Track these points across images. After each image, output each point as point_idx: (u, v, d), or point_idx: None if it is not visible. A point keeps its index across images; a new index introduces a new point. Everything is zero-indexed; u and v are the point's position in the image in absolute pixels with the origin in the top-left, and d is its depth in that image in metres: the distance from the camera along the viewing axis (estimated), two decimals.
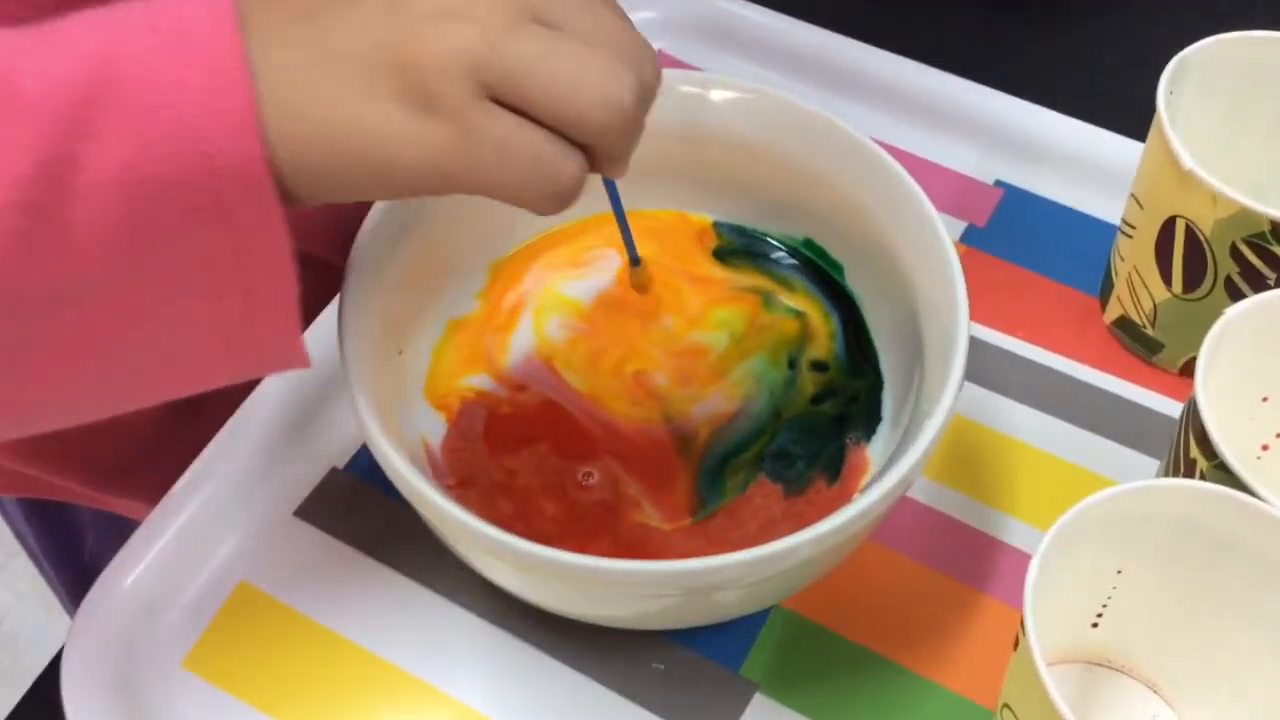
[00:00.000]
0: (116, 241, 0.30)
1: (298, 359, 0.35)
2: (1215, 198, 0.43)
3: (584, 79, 0.32)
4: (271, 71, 0.30)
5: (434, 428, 0.45)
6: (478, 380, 0.46)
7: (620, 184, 0.44)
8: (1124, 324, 0.51)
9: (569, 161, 0.32)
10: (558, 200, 0.33)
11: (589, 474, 0.44)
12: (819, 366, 0.47)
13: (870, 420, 0.45)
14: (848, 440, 0.45)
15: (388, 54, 0.31)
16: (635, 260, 0.45)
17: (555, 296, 0.48)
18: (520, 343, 0.47)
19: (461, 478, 0.44)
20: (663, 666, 0.43)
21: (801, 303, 0.48)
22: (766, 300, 0.48)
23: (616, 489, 0.44)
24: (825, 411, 0.46)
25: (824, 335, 0.47)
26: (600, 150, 0.33)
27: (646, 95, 0.33)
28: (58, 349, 0.32)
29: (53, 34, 0.30)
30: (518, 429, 0.45)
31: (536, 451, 0.44)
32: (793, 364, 0.47)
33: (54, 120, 0.29)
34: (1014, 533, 0.46)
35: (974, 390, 0.50)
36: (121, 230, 0.30)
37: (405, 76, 0.31)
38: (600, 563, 0.36)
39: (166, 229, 0.30)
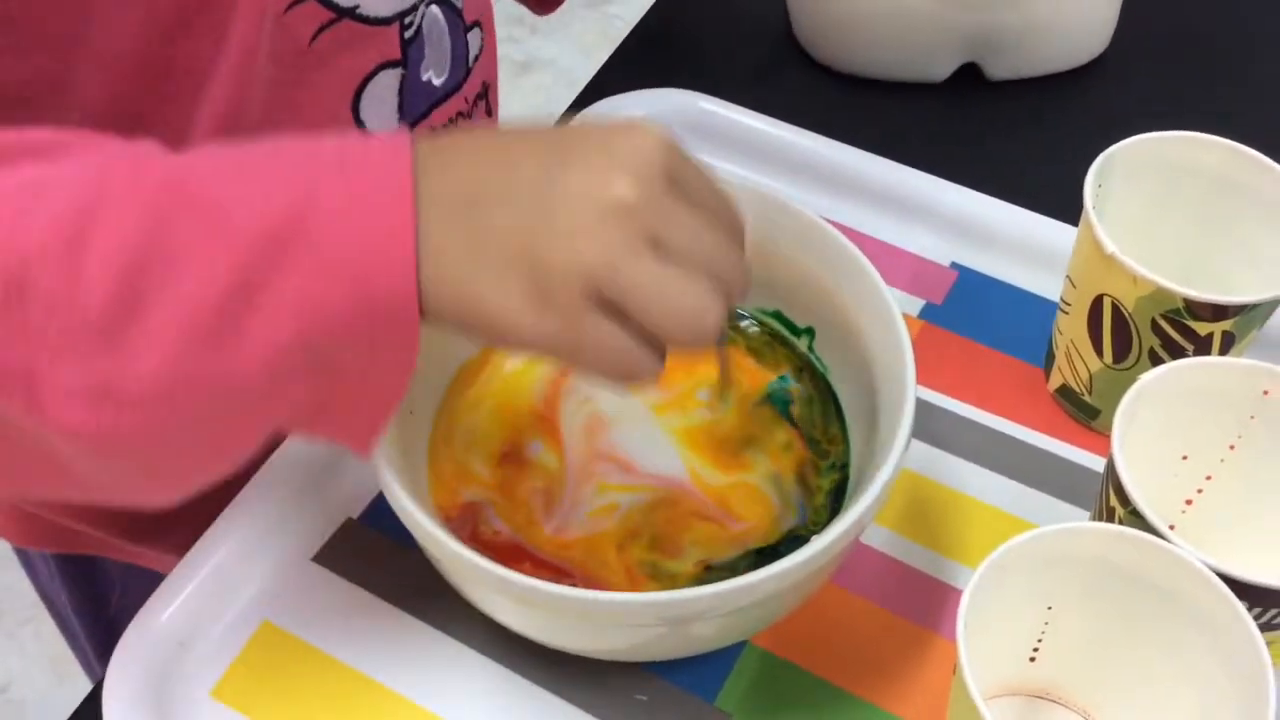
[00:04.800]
0: (283, 353, 0.36)
1: (367, 451, 0.41)
2: (1135, 278, 0.49)
3: (681, 310, 0.37)
4: (432, 243, 0.36)
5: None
6: (469, 493, 0.49)
7: None
8: (1065, 392, 0.56)
9: (650, 363, 0.38)
10: (635, 385, 0.39)
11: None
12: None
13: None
14: None
15: (527, 254, 0.37)
16: (728, 382, 0.51)
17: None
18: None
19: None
20: (645, 698, 0.48)
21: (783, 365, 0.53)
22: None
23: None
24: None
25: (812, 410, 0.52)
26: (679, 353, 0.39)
27: (730, 313, 0.39)
28: (214, 437, 0.38)
29: (258, 170, 0.36)
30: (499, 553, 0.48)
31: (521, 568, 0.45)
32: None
33: (253, 250, 0.35)
34: (963, 578, 0.50)
35: (929, 450, 0.54)
36: (289, 342, 0.36)
37: (535, 274, 0.37)
38: (588, 594, 0.41)
39: (326, 349, 0.36)
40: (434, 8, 0.56)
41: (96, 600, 0.68)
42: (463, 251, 0.37)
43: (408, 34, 0.55)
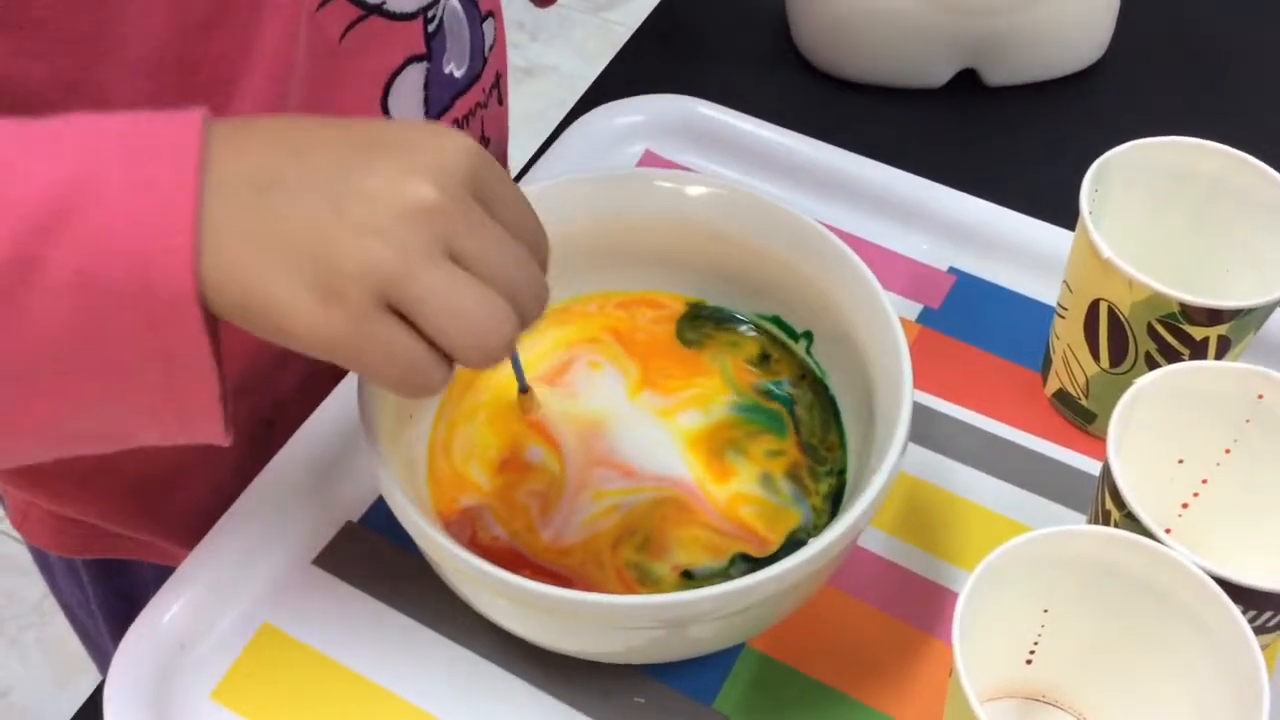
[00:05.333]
0: (63, 334, 0.34)
1: (219, 440, 0.39)
2: (1131, 283, 0.49)
3: (469, 323, 0.36)
4: (216, 225, 0.35)
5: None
6: (468, 499, 0.49)
7: (608, 268, 0.49)
8: (1062, 396, 0.56)
9: (436, 373, 0.37)
10: (419, 395, 0.38)
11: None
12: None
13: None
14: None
15: (316, 246, 0.35)
16: (524, 388, 0.49)
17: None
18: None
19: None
20: (643, 700, 0.48)
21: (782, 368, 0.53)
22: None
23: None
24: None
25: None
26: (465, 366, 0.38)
27: (521, 331, 0.38)
28: (6, 422, 0.37)
29: (38, 141, 0.35)
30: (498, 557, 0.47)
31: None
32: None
33: (27, 223, 0.33)
34: (960, 581, 0.51)
35: (927, 454, 0.55)
36: (69, 324, 0.34)
37: (323, 271, 0.35)
38: (586, 597, 0.41)
39: (106, 332, 0.35)
40: (453, 0, 0.57)
41: (129, 605, 0.68)
42: (248, 240, 0.35)
43: (430, 27, 0.55)
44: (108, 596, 0.68)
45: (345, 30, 0.51)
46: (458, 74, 0.59)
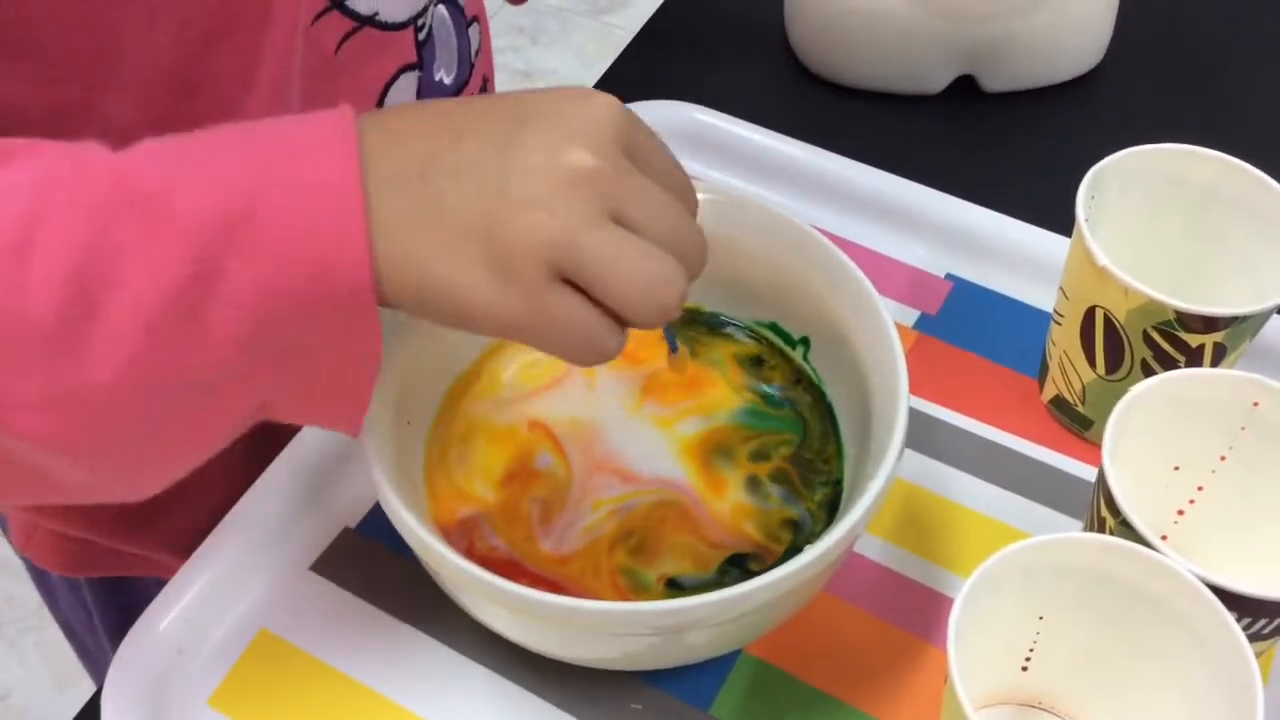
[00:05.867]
0: (246, 343, 0.35)
1: (352, 430, 0.40)
2: (1126, 290, 0.49)
3: (642, 282, 0.36)
4: (384, 218, 0.35)
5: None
6: (466, 510, 0.49)
7: None
8: (1059, 402, 0.56)
9: (613, 339, 0.38)
10: (595, 362, 0.38)
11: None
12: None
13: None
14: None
15: (483, 226, 0.36)
16: (674, 349, 0.48)
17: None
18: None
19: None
20: (640, 707, 0.48)
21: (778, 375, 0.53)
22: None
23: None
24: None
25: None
26: (640, 328, 0.38)
27: (689, 284, 0.38)
28: (189, 428, 0.37)
29: (200, 162, 0.35)
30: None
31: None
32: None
33: (201, 241, 0.34)
34: (956, 588, 0.49)
35: (924, 461, 0.55)
36: (251, 333, 0.35)
37: (493, 249, 0.36)
38: (584, 604, 0.41)
39: (286, 336, 0.36)
40: (440, 8, 0.57)
41: (136, 618, 0.68)
42: (417, 229, 0.36)
43: (421, 36, 0.56)
44: (111, 613, 0.68)
45: (340, 43, 0.51)
46: (447, 80, 0.59)
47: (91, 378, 0.34)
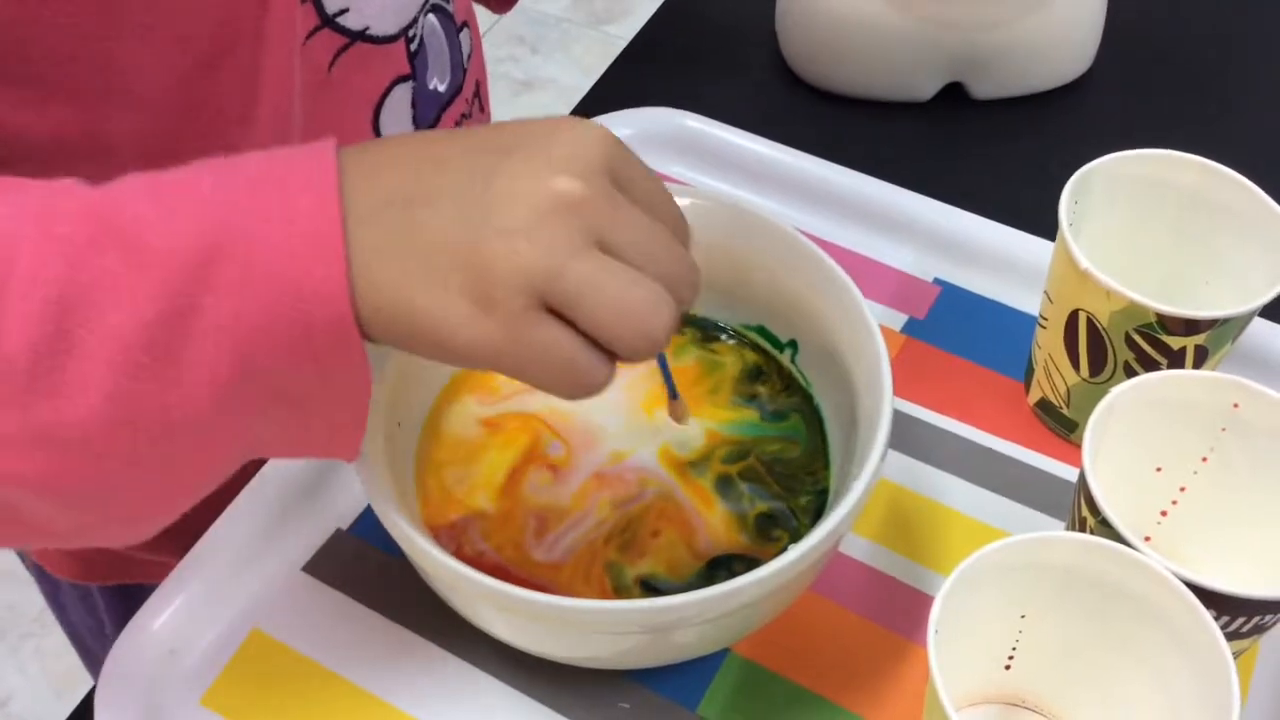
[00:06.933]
0: (226, 379, 0.34)
1: (352, 457, 0.39)
2: (1109, 293, 0.50)
3: (628, 311, 0.35)
4: (364, 249, 0.34)
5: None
6: (457, 515, 0.49)
7: None
8: (1044, 405, 0.57)
9: (599, 370, 0.36)
10: (583, 396, 0.37)
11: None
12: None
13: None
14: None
15: (464, 255, 0.35)
16: (674, 394, 0.47)
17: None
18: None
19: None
20: (628, 706, 0.48)
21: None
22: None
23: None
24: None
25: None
26: (627, 361, 0.37)
27: (679, 318, 0.37)
28: (176, 469, 0.36)
29: (173, 193, 0.34)
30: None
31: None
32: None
33: (178, 274, 0.33)
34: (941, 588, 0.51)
35: (910, 463, 0.55)
36: (231, 369, 0.34)
37: (473, 278, 0.34)
38: (571, 602, 0.42)
39: (267, 371, 0.35)
40: (430, 16, 0.57)
41: None
42: (398, 260, 0.35)
43: (413, 46, 0.56)
44: (122, 617, 0.68)
45: (334, 58, 0.51)
46: (441, 88, 0.59)
47: (70, 415, 0.33)
